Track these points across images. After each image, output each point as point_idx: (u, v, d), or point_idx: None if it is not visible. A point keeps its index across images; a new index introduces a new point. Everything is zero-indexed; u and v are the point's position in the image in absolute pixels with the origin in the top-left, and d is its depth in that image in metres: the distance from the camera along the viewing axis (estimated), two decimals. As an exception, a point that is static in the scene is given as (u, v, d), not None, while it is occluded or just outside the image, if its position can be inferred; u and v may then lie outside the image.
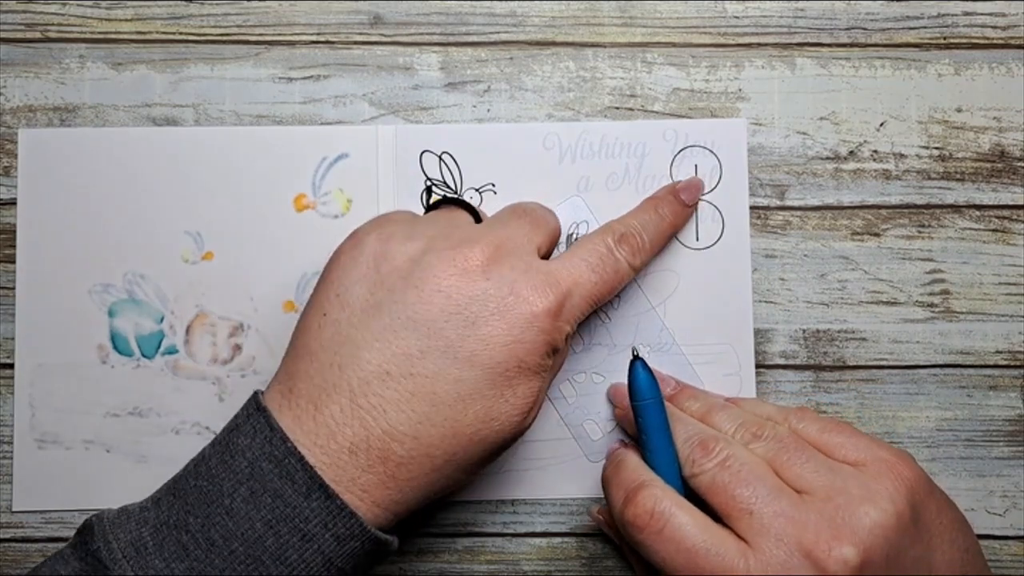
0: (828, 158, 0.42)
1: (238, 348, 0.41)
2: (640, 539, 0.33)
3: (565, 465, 0.41)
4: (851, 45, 0.42)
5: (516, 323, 0.33)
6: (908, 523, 0.32)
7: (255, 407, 0.33)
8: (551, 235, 0.37)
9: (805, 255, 0.41)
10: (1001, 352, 0.41)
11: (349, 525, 0.31)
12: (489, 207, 0.41)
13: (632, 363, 0.36)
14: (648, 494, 0.33)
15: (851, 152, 0.42)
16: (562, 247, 0.41)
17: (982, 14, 0.42)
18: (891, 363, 0.41)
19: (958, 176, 0.42)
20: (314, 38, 0.42)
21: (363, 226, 0.36)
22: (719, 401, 0.38)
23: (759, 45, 0.42)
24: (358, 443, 0.32)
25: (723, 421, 0.36)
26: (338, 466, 0.31)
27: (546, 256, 0.37)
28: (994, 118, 0.42)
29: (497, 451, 0.34)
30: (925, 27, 0.42)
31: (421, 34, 0.42)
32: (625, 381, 0.37)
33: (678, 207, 0.40)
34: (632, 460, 0.36)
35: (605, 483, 0.36)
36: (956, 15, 0.42)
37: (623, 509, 0.34)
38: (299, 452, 0.31)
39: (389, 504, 0.32)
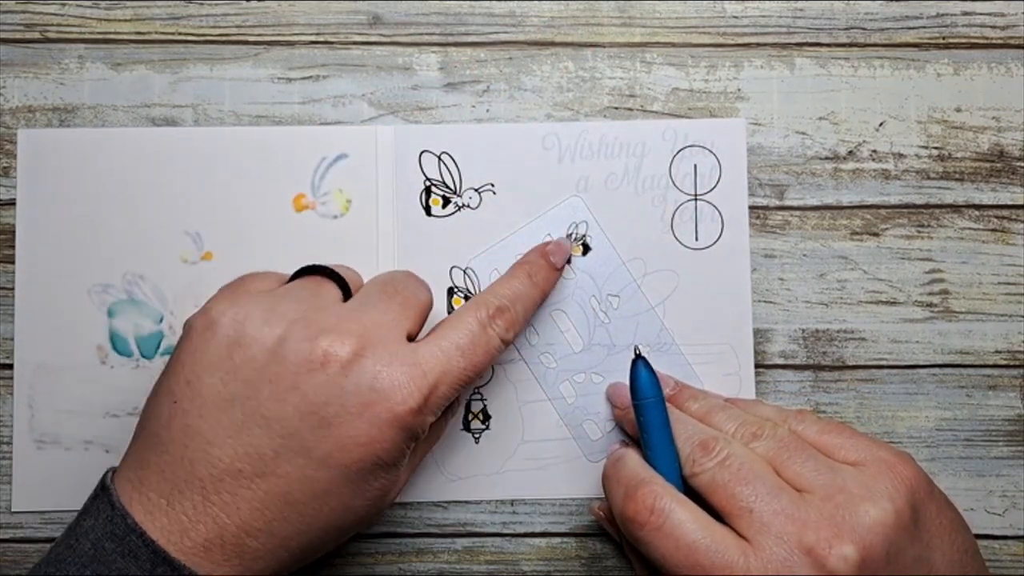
0: (827, 158, 0.42)
1: (237, 348, 0.41)
2: (640, 536, 0.33)
3: (565, 465, 0.41)
4: (850, 45, 0.42)
5: (376, 423, 0.32)
6: (908, 522, 0.32)
7: (101, 487, 0.32)
8: (422, 313, 0.36)
9: (804, 255, 0.41)
10: (1000, 352, 0.41)
11: None
12: (489, 207, 0.41)
13: (634, 362, 0.36)
14: (648, 491, 0.33)
15: (850, 152, 0.42)
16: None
17: (981, 14, 0.42)
18: (890, 363, 0.41)
19: (957, 176, 0.42)
20: (313, 38, 0.42)
21: (217, 301, 0.34)
22: (719, 401, 0.38)
23: (758, 45, 0.42)
24: (212, 540, 0.31)
25: (723, 421, 0.36)
26: (193, 563, 0.31)
27: (417, 332, 0.35)
28: (993, 118, 0.42)
29: (361, 528, 0.34)
30: (924, 27, 0.42)
31: (420, 34, 0.42)
32: (624, 380, 0.37)
33: (549, 272, 0.38)
34: (632, 458, 0.36)
35: (605, 480, 0.36)
36: (955, 15, 0.42)
37: (623, 505, 0.34)
38: (140, 528, 0.30)
39: None
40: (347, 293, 0.35)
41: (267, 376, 0.32)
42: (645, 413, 0.36)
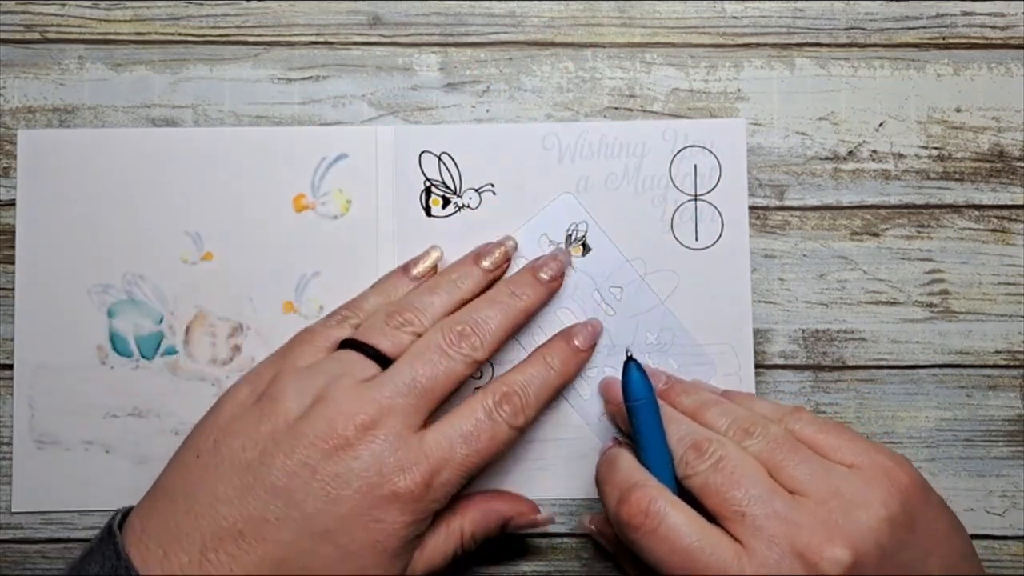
0: (827, 158, 0.42)
1: (237, 349, 0.41)
2: (635, 538, 0.33)
3: (566, 465, 0.41)
4: (850, 45, 0.42)
5: (377, 504, 0.33)
6: (901, 527, 0.32)
7: (107, 531, 0.33)
8: (441, 395, 0.36)
9: (804, 255, 0.41)
10: (1000, 352, 0.41)
11: None
12: (489, 207, 0.41)
13: (626, 364, 0.36)
14: (643, 494, 0.33)
15: (850, 152, 0.42)
16: (561, 244, 0.41)
17: (981, 14, 0.42)
18: (890, 363, 0.41)
19: (957, 176, 0.42)
20: (313, 39, 0.42)
21: (263, 373, 0.36)
22: (712, 396, 0.38)
23: (758, 45, 0.42)
24: None
25: (715, 417, 0.36)
26: None
27: (433, 411, 0.35)
28: (993, 118, 0.42)
29: None
30: (924, 27, 0.42)
31: (420, 35, 0.42)
32: (615, 375, 0.37)
33: (568, 354, 0.38)
34: (626, 459, 0.35)
35: (599, 482, 0.36)
36: (955, 15, 0.42)
37: (618, 508, 0.33)
38: None
39: None
40: (385, 363, 0.36)
41: (283, 449, 0.33)
42: (637, 415, 0.35)
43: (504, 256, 0.39)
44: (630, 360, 0.36)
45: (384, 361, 0.36)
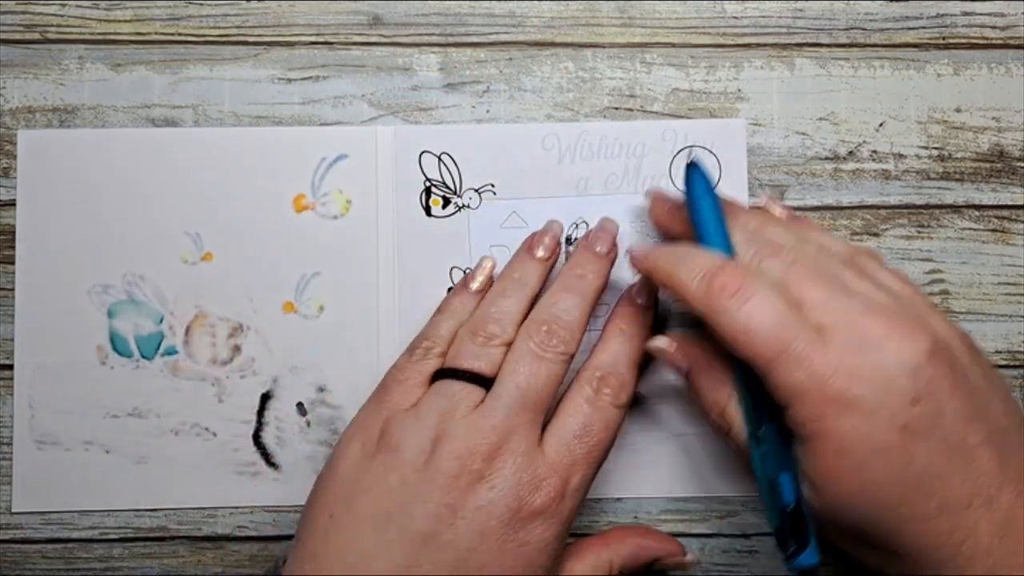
0: (827, 158, 0.42)
1: (237, 349, 0.41)
2: (728, 306, 0.32)
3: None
4: (850, 45, 0.42)
5: (522, 527, 0.33)
6: (967, 350, 0.33)
7: None
8: (549, 401, 0.36)
9: (804, 255, 0.41)
10: (1001, 352, 0.41)
11: None
12: (489, 207, 0.41)
13: (689, 166, 0.36)
14: (735, 269, 0.33)
15: (850, 152, 0.42)
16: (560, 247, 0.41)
17: (981, 14, 0.42)
18: (890, 363, 0.41)
19: (957, 176, 0.42)
20: (313, 39, 0.42)
21: (368, 424, 0.35)
22: (775, 219, 0.37)
23: (758, 45, 0.42)
24: None
25: (779, 234, 0.36)
26: None
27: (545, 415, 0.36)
28: (993, 118, 0.42)
29: None
30: (924, 27, 0.42)
31: (420, 35, 0.42)
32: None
33: (637, 316, 0.38)
34: (700, 249, 0.35)
35: (670, 267, 0.34)
36: (955, 15, 0.42)
37: (711, 280, 0.33)
38: None
39: None
40: (485, 382, 0.35)
41: (420, 495, 0.33)
42: (700, 211, 0.35)
43: (554, 241, 0.39)
44: (692, 164, 0.36)
45: (484, 381, 0.35)
